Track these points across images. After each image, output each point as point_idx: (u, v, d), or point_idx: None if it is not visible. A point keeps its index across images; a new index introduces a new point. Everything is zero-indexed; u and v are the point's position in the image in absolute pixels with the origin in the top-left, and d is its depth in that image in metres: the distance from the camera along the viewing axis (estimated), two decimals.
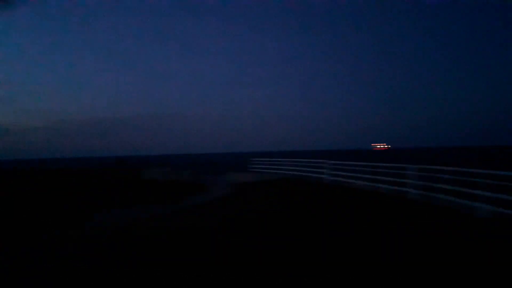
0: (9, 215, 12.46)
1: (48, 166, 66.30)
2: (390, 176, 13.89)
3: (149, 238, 7.63)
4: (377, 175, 14.77)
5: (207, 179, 24.31)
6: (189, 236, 7.69)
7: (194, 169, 43.23)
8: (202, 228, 8.50)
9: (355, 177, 16.90)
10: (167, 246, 6.82)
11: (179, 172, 29.17)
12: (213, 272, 5.17)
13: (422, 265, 5.23)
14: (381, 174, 14.29)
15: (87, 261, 6.00)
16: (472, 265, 5.19)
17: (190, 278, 4.97)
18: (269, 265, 5.38)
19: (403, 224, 8.11)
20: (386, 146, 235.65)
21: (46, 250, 7.06)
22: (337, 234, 7.22)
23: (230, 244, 6.72)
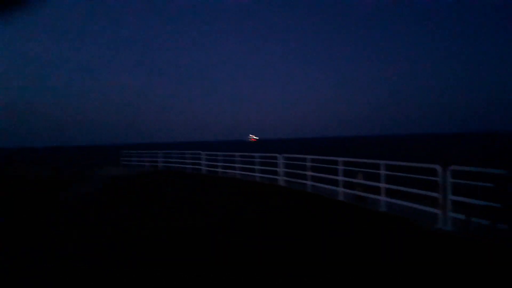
0: None
1: None
2: (263, 166, 14.49)
3: None
4: (251, 164, 15.26)
5: (74, 175, 21.75)
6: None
7: (62, 163, 38.66)
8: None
9: (231, 167, 17.21)
10: None
11: (39, 167, 25.49)
12: None
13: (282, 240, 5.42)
14: (255, 164, 14.80)
15: None
16: (329, 234, 5.63)
17: None
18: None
19: (274, 207, 8.45)
20: (254, 138, 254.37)
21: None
22: (220, 222, 7.11)
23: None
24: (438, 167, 6.66)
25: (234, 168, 16.72)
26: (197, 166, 19.49)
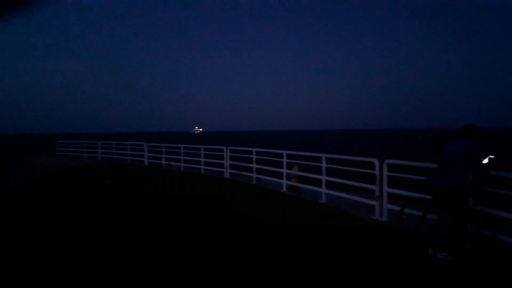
0: None
1: None
2: (208, 158, 14.31)
3: None
4: (197, 157, 15.01)
5: (3, 165, 19.88)
6: None
7: None
8: None
9: (176, 160, 16.84)
10: None
11: None
12: None
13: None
14: (200, 156, 14.57)
15: None
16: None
17: None
18: None
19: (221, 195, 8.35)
20: (199, 130, 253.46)
21: None
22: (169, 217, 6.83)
23: None
24: (375, 161, 6.94)
25: (179, 161, 16.35)
26: (139, 158, 18.79)
